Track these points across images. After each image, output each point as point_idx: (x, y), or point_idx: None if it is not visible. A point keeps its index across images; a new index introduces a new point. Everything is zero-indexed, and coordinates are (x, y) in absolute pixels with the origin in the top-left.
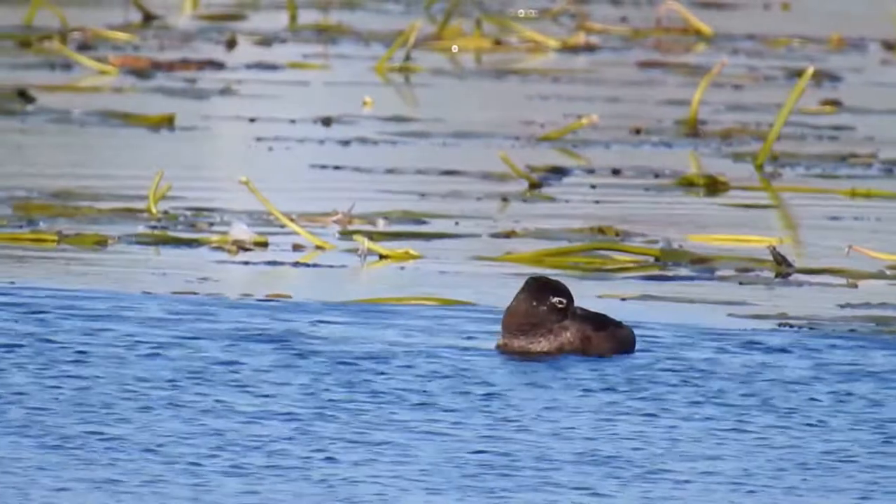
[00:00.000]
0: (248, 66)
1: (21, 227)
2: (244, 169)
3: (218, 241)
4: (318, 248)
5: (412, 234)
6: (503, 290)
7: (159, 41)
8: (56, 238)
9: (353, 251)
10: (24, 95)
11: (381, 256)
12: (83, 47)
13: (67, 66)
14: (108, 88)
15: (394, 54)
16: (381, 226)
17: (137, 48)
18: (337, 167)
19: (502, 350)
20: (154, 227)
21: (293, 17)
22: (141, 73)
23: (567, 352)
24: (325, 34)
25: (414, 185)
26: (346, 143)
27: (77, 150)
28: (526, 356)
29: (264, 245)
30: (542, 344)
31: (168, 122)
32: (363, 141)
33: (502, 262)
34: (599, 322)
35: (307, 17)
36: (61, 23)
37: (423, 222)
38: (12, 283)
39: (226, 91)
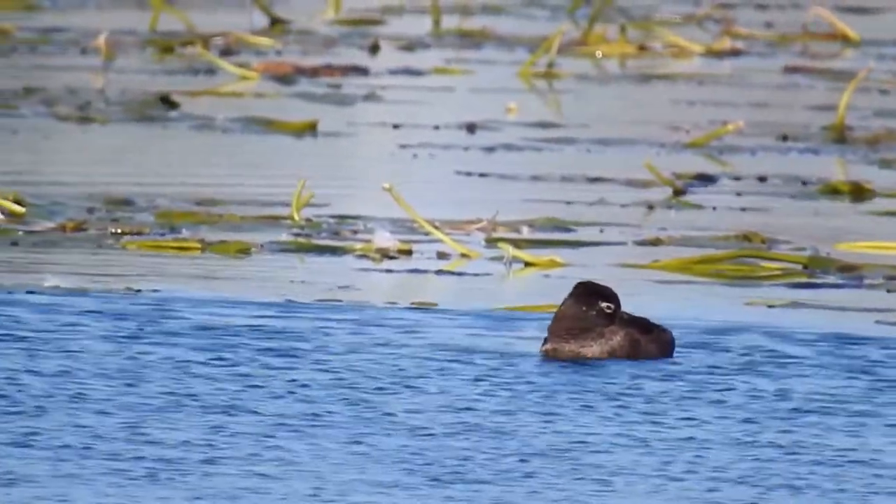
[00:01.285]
0: (392, 72)
1: (164, 234)
2: (388, 176)
3: (362, 248)
4: (463, 255)
5: (557, 242)
6: (650, 297)
7: (301, 46)
8: (200, 246)
9: (499, 259)
10: (167, 101)
11: (527, 264)
12: (225, 52)
13: (210, 71)
14: (251, 94)
15: (538, 60)
16: (526, 233)
17: (280, 53)
18: (482, 174)
19: (550, 355)
20: (297, 235)
21: (436, 22)
22: (284, 78)
23: (617, 356)
24: (469, 39)
25: (559, 192)
26: (490, 149)
27: (220, 157)
28: (577, 361)
29: (408, 253)
30: (593, 348)
31: (311, 129)
32: (508, 147)
33: (649, 269)
34: (645, 326)
35: (449, 21)
36: (187, 27)
37: (569, 230)
38: (156, 290)
39: (370, 97)
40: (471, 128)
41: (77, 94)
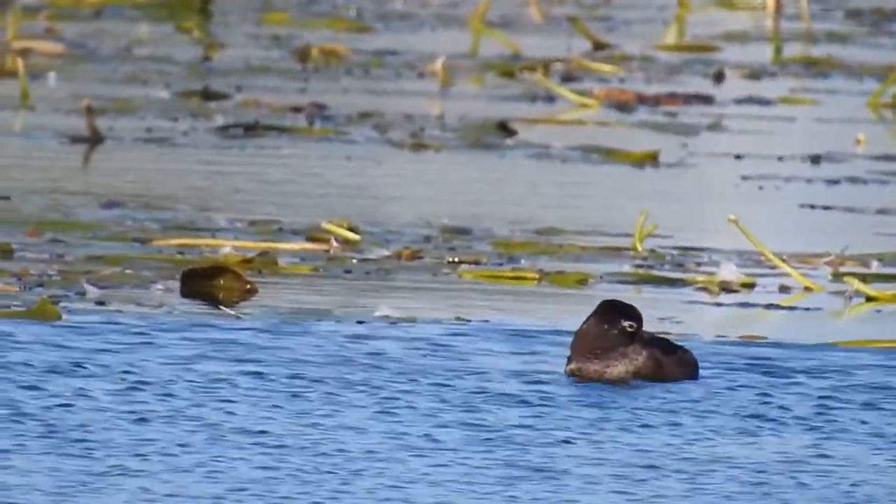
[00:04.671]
0: (738, 101)
1: (501, 264)
2: (731, 207)
3: (704, 281)
4: (807, 289)
5: None
6: None
7: (644, 74)
8: (537, 276)
9: (841, 293)
10: (504, 128)
11: (868, 298)
12: (566, 79)
13: (550, 98)
14: (591, 122)
15: (886, 90)
16: (875, 267)
17: (623, 81)
18: (825, 207)
19: (575, 375)
20: (639, 266)
21: (777, 50)
22: (623, 106)
23: (641, 377)
24: (814, 68)
25: None
26: (835, 181)
27: (559, 186)
28: (601, 381)
29: (751, 286)
30: (617, 369)
31: (652, 159)
32: (853, 180)
33: None
34: (668, 346)
35: (792, 49)
36: (513, 52)
37: None
38: (486, 320)
39: (714, 126)
40: (815, 159)
41: (412, 119)
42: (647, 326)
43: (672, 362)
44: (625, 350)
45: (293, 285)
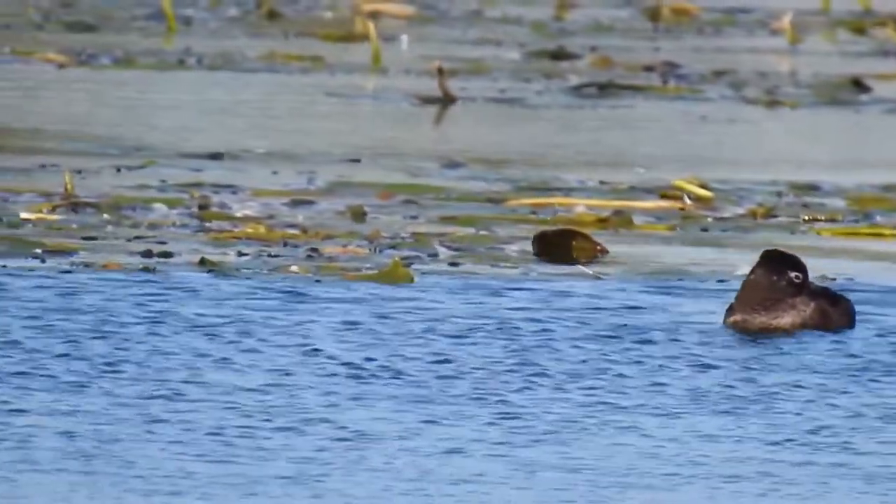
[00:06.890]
0: None
1: (857, 221)
2: None
3: None
4: None
5: None
6: None
7: None
8: (893, 232)
9: None
10: (858, 84)
11: None
12: None
13: None
14: None
15: None
16: None
17: None
18: None
19: (739, 327)
20: None
21: None
22: None
23: (808, 328)
24: None
25: None
26: None
27: None
28: (768, 333)
29: None
30: (784, 320)
31: None
32: None
33: None
34: (832, 297)
35: None
36: (864, 8)
37: None
38: (850, 279)
39: None
40: None
41: (766, 77)
42: None
43: (838, 313)
44: (793, 301)
45: (645, 245)
